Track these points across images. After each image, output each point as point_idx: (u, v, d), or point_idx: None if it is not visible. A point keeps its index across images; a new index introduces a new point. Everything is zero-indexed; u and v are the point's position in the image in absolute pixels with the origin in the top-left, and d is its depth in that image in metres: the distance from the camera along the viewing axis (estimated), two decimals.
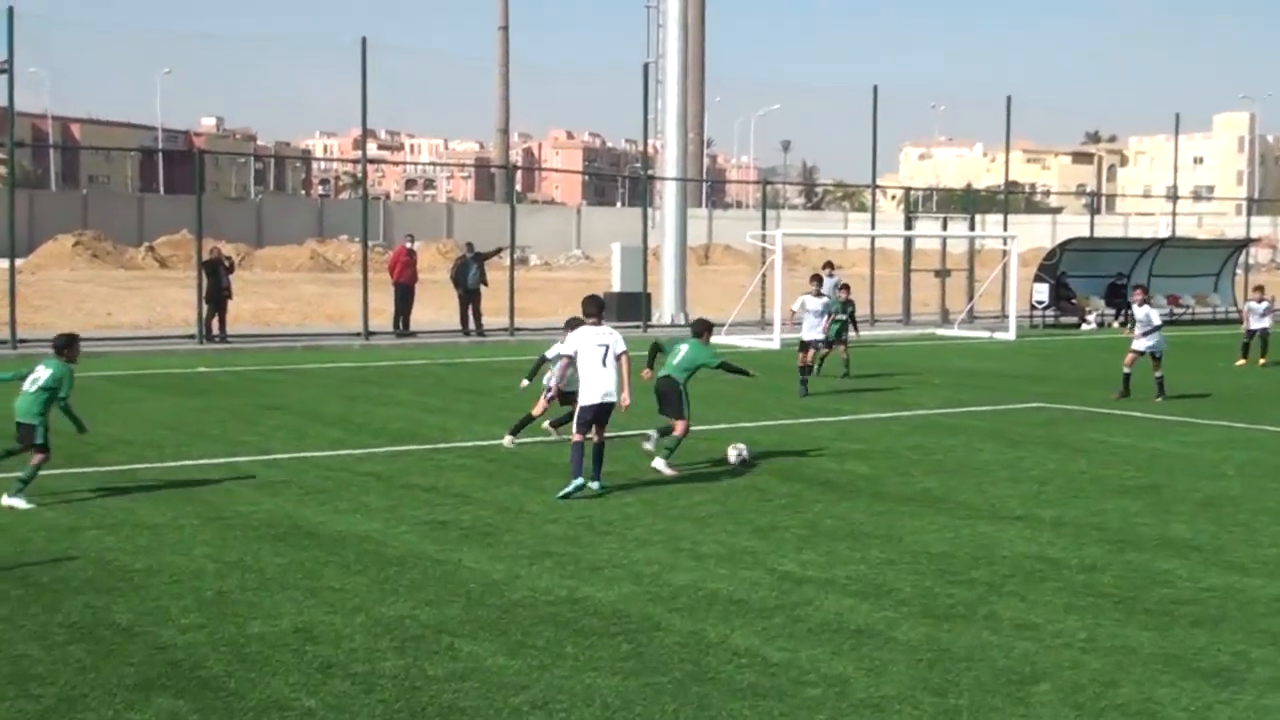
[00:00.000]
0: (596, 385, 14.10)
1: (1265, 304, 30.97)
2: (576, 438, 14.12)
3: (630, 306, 38.99)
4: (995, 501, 14.01)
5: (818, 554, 11.56)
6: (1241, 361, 30.41)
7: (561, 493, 13.89)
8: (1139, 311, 23.76)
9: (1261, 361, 30.03)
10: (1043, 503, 13.98)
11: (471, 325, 35.67)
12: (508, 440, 17.07)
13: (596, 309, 14.45)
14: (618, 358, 14.19)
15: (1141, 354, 23.34)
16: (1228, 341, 37.49)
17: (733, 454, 16.01)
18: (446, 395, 22.82)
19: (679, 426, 15.43)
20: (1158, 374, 23.25)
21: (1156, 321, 23.49)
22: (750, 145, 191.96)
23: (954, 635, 9.26)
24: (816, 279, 24.85)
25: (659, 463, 15.39)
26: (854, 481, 15.07)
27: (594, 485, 14.18)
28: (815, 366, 24.72)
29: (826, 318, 24.39)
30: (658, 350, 16.11)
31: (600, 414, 14.17)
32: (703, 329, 16.28)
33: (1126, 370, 23.39)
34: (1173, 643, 9.19)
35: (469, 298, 35.80)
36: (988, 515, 13.30)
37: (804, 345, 23.81)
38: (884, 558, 11.46)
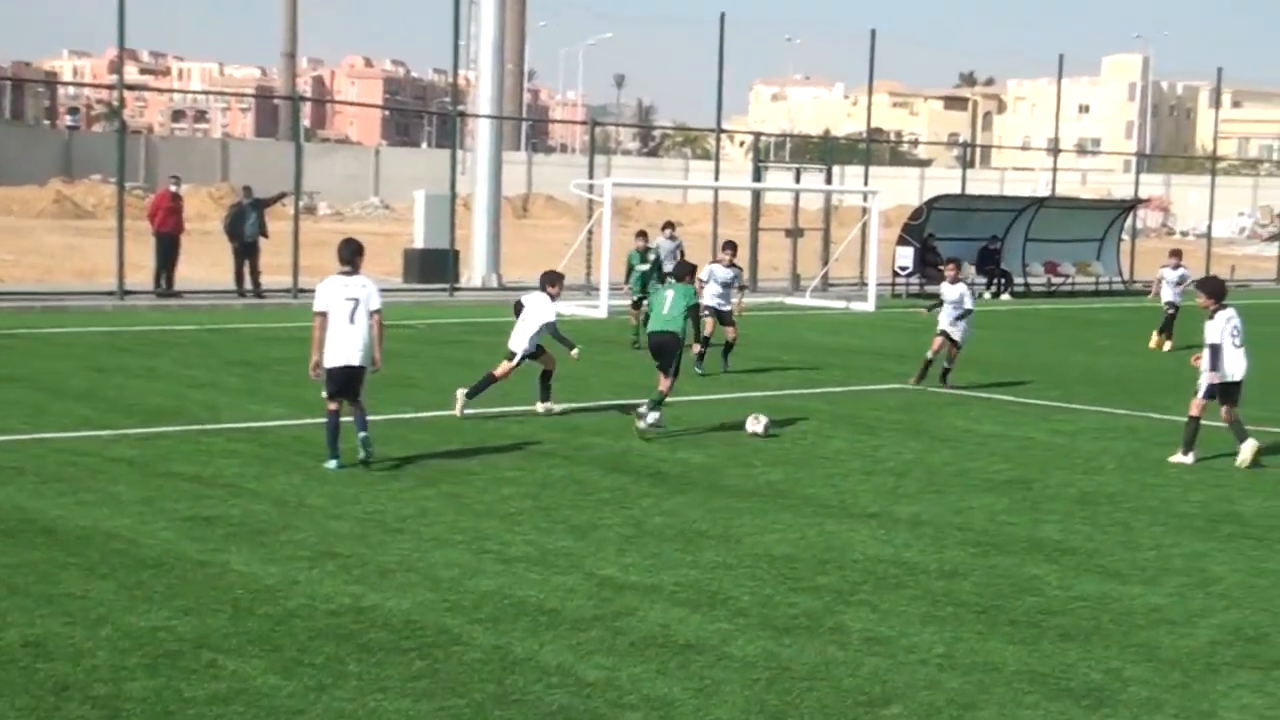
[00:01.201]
0: (342, 346, 14.56)
1: (1181, 271, 30.34)
2: (331, 407, 14.71)
3: (435, 266, 38.80)
4: (846, 497, 14.26)
5: (643, 556, 11.66)
6: (1157, 341, 29.91)
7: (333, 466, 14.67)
8: (950, 290, 22.76)
9: (1165, 344, 29.59)
10: (900, 498, 14.27)
11: (248, 284, 35.19)
12: (540, 408, 18.64)
13: (350, 254, 14.85)
14: (371, 315, 14.60)
15: (954, 341, 22.61)
16: (1111, 316, 38.58)
17: (754, 425, 17.48)
18: (216, 367, 22.52)
19: (665, 383, 17.49)
20: (948, 365, 22.73)
21: (969, 304, 22.74)
22: (578, 79, 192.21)
23: (796, 651, 9.41)
24: (730, 246, 25.19)
25: (652, 416, 17.28)
26: (687, 473, 15.22)
27: (362, 454, 14.62)
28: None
29: (738, 293, 24.71)
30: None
31: (348, 379, 14.65)
32: (685, 271, 18.46)
33: (930, 356, 22.77)
34: (1039, 659, 9.45)
35: (245, 252, 35.30)
36: (838, 512, 13.54)
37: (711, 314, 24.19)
38: (719, 561, 11.60)
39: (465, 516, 12.89)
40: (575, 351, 18.28)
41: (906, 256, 44.84)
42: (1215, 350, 16.70)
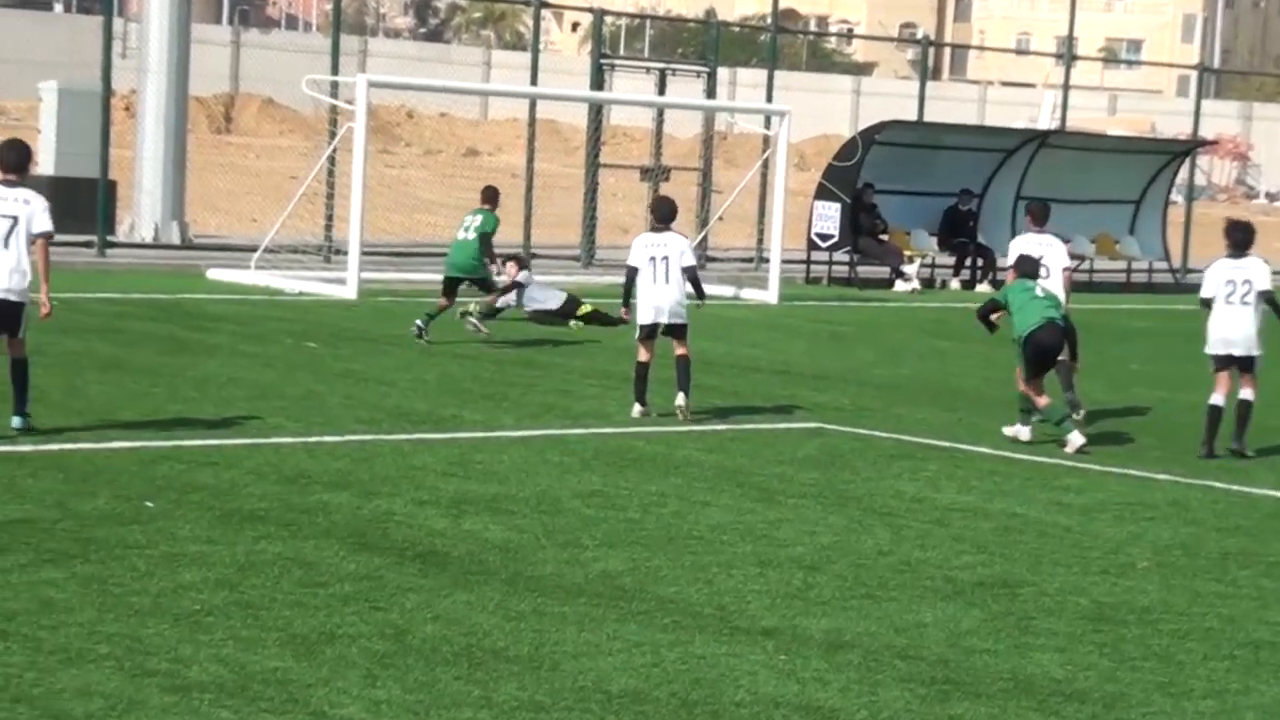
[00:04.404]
0: None
1: None
2: None
3: (75, 206, 37.88)
4: (728, 600, 14.30)
5: (405, 688, 11.61)
6: None
7: None
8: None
9: None
10: (811, 606, 14.32)
11: None
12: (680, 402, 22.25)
13: (16, 160, 16.66)
14: (34, 239, 16.34)
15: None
16: (1149, 324, 38.88)
17: (1076, 443, 21.74)
18: None
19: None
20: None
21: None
22: None
23: None
24: (1046, 211, 25.20)
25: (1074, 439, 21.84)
26: (480, 554, 15.18)
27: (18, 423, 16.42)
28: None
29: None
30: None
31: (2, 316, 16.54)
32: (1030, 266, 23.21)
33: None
34: None
35: None
36: (715, 625, 13.56)
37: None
38: (524, 698, 11.57)
39: (116, 615, 12.76)
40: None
41: (830, 219, 44.59)
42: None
